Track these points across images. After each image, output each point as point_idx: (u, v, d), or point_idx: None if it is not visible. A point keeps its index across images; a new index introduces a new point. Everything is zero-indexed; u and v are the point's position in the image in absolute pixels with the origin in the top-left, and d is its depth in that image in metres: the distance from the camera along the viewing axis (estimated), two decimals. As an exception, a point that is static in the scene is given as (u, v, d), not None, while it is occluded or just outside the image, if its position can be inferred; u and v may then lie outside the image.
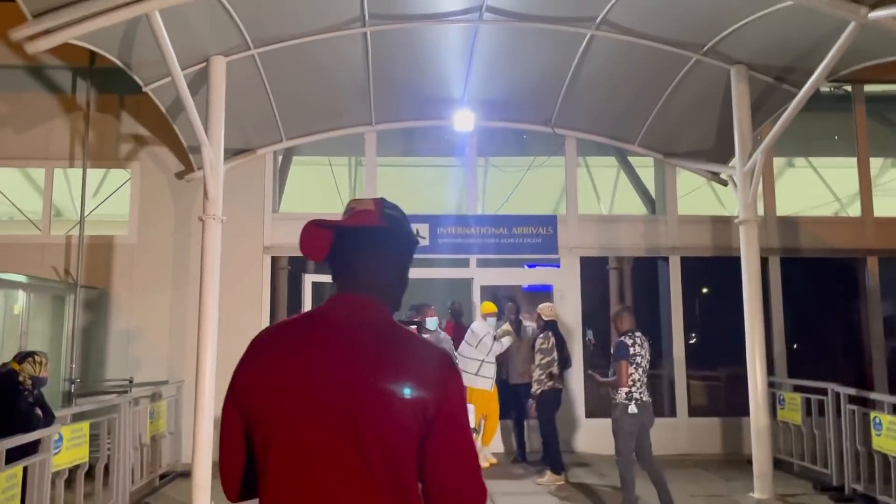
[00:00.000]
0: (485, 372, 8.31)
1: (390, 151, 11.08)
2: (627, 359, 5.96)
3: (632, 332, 6.13)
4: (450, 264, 9.69)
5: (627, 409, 5.96)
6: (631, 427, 6.00)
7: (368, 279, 1.65)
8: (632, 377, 5.97)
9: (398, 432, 1.49)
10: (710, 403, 9.99)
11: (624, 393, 5.99)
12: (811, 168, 12.09)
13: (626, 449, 6.03)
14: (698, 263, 9.82)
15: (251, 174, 9.41)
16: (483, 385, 8.28)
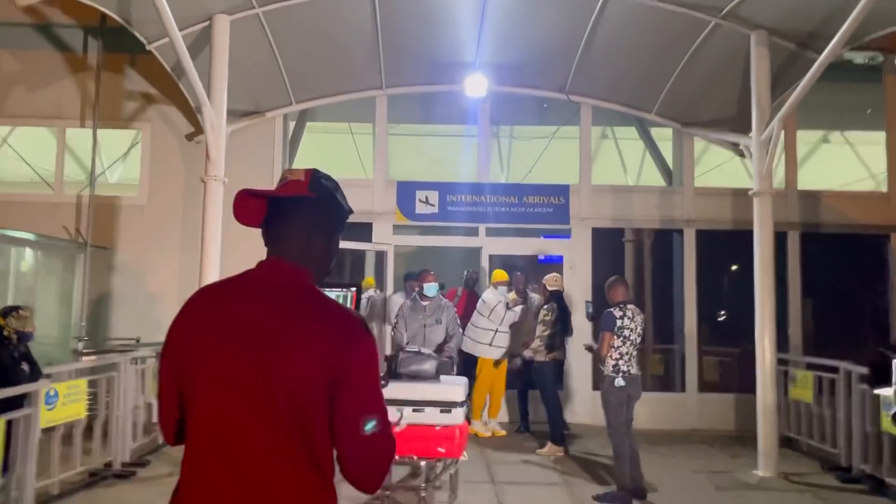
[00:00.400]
0: (499, 342, 8.22)
1: (402, 118, 10.95)
2: (612, 330, 5.86)
3: (623, 303, 5.98)
4: (459, 233, 9.57)
5: (614, 382, 5.87)
6: (618, 399, 5.90)
7: (295, 247, 1.72)
8: (619, 350, 5.87)
9: (308, 392, 1.57)
10: (722, 379, 9.82)
11: (611, 366, 5.90)
12: (842, 143, 11.70)
13: (615, 421, 5.93)
14: (715, 237, 9.57)
15: (260, 138, 9.34)
16: (495, 355, 8.22)
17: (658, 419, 9.16)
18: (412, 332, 6.81)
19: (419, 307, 6.99)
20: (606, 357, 5.90)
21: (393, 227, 9.42)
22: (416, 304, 7.03)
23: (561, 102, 9.72)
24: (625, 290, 6.05)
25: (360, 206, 9.37)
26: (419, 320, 6.90)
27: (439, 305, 7.04)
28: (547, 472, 6.98)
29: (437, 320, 6.92)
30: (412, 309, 7.01)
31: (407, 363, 5.14)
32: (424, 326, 6.83)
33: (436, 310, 7.00)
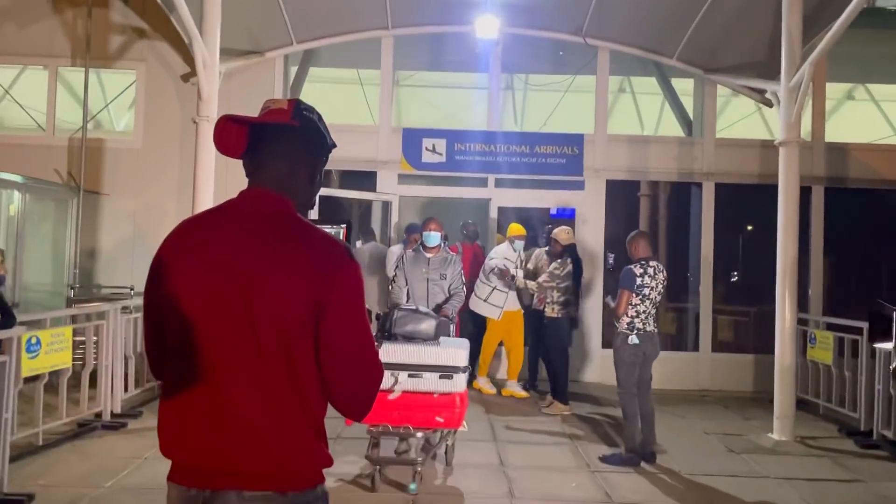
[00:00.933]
0: (495, 300, 7.80)
1: (410, 64, 10.47)
2: (631, 288, 5.52)
3: (645, 260, 5.60)
4: (466, 183, 9.18)
5: (628, 340, 5.54)
6: (632, 358, 5.58)
7: (277, 176, 1.69)
8: (636, 307, 5.53)
9: (291, 320, 1.55)
10: (737, 339, 9.47)
11: (625, 323, 5.57)
12: (867, 100, 11.14)
13: (626, 381, 5.63)
14: (735, 191, 9.13)
15: (260, 80, 8.91)
16: (488, 312, 7.84)
17: (670, 379, 8.86)
18: (412, 289, 6.08)
19: (421, 259, 6.16)
20: (622, 315, 5.57)
21: (398, 176, 9.03)
22: (419, 256, 6.20)
23: (577, 47, 9.20)
24: (647, 246, 5.67)
25: (364, 154, 8.99)
26: (421, 274, 6.10)
27: (445, 259, 6.20)
28: (552, 431, 6.71)
29: (442, 275, 6.09)
30: (414, 261, 6.18)
31: (403, 322, 4.55)
32: (427, 281, 6.05)
33: (441, 263, 6.17)
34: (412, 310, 4.67)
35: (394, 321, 4.54)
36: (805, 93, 6.59)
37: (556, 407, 7.31)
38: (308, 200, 1.76)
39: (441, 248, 6.26)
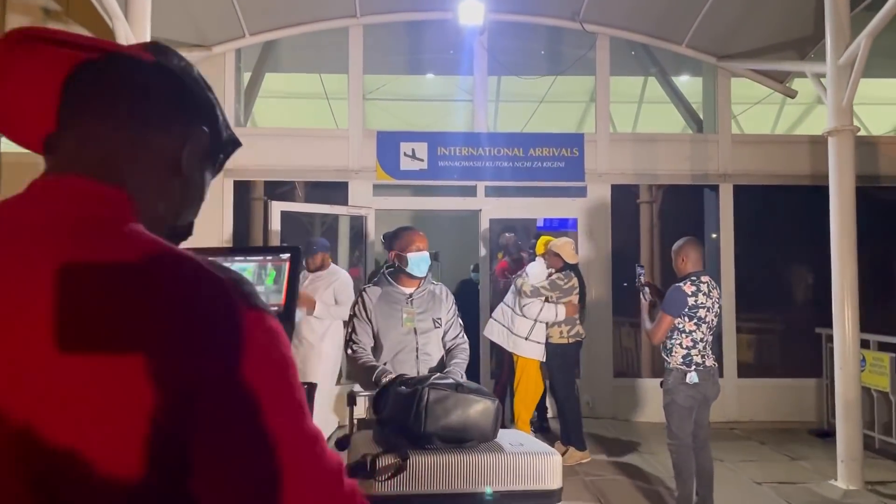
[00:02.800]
0: (538, 335, 6.15)
1: (381, 66, 9.28)
2: (677, 313, 4.35)
3: (696, 275, 4.43)
4: (452, 192, 7.98)
5: (685, 378, 4.33)
6: (689, 401, 4.38)
7: (106, 154, 0.88)
8: (691, 335, 4.35)
9: (113, 447, 0.71)
10: (764, 361, 8.39)
11: (679, 356, 4.38)
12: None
13: (681, 430, 4.43)
14: (756, 194, 8.06)
15: (208, 78, 7.61)
16: (532, 353, 6.15)
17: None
18: (386, 348, 3.45)
19: (396, 297, 3.52)
20: (674, 346, 4.40)
21: (373, 186, 7.79)
22: (391, 293, 3.54)
23: (573, 35, 8.10)
24: (698, 257, 4.50)
25: (334, 163, 7.75)
26: (400, 324, 3.48)
27: (432, 294, 3.64)
28: (574, 486, 5.48)
29: (436, 322, 3.54)
30: (384, 301, 3.52)
31: (442, 410, 2.46)
32: (414, 335, 3.48)
33: (430, 302, 3.58)
34: (451, 385, 2.54)
35: (424, 409, 2.43)
36: (861, 70, 5.52)
37: (573, 455, 6.09)
38: (174, 210, 0.96)
39: (427, 279, 3.64)
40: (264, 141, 7.82)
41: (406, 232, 3.58)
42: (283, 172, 7.76)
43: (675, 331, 4.39)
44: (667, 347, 4.46)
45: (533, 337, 6.12)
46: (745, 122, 9.74)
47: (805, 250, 8.06)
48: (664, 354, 4.51)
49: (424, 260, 3.51)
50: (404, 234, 3.56)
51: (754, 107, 9.66)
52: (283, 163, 7.72)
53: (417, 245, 3.50)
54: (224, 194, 7.62)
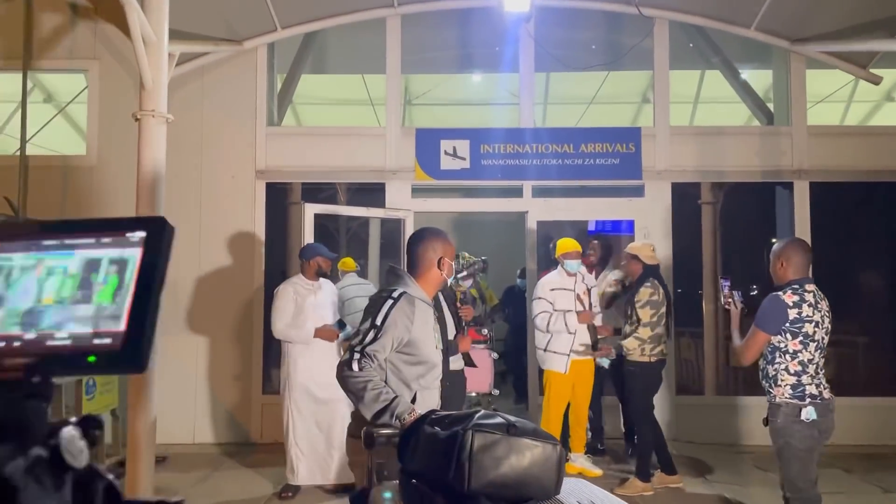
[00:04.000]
0: (558, 345, 5.68)
1: (421, 62, 8.79)
2: (775, 329, 3.58)
3: (800, 283, 3.64)
4: (496, 194, 7.41)
5: (799, 414, 3.54)
6: (807, 442, 3.55)
7: None
8: (798, 357, 3.57)
9: None
10: (846, 378, 7.57)
11: (788, 386, 3.57)
12: None
13: (804, 480, 3.59)
14: (834, 191, 7.27)
15: (238, 76, 7.25)
16: (553, 365, 5.74)
17: (764, 432, 6.96)
18: (421, 372, 2.83)
19: (424, 308, 2.89)
20: (779, 372, 3.60)
21: (412, 188, 7.27)
22: (420, 302, 2.87)
23: (628, 22, 7.46)
24: (804, 261, 3.71)
25: (369, 163, 7.27)
26: (432, 342, 2.91)
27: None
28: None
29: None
30: (419, 313, 2.84)
31: (490, 460, 1.74)
32: (442, 355, 3.00)
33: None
34: (501, 425, 1.81)
35: (469, 459, 1.75)
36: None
37: (635, 485, 5.43)
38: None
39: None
40: (297, 141, 7.42)
41: (433, 238, 3.01)
42: (316, 174, 7.32)
43: (777, 352, 3.60)
44: (769, 375, 3.64)
45: (551, 347, 5.73)
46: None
47: (893, 254, 7.23)
48: (765, 383, 3.69)
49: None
50: (431, 239, 2.99)
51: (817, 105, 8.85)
52: (316, 163, 7.28)
53: (444, 261, 2.97)
54: (256, 197, 7.21)
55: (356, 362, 2.65)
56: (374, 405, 2.56)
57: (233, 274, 7.09)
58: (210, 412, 7.02)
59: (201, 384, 7.01)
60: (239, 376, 7.06)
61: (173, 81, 7.02)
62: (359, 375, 2.64)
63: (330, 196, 8.02)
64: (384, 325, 2.69)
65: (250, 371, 7.05)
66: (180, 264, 7.06)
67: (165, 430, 6.67)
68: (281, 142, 7.35)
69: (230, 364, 7.06)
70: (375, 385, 2.62)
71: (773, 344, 3.61)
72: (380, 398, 2.58)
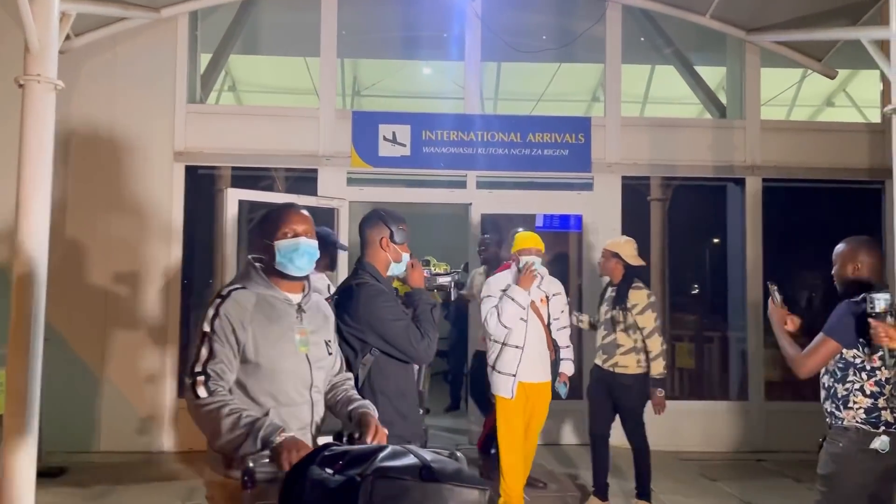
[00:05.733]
0: (505, 363, 4.53)
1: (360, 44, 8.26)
2: (850, 341, 2.95)
3: (870, 286, 3.02)
4: (439, 184, 6.94)
5: (869, 444, 2.93)
6: (866, 477, 2.96)
7: None
8: (873, 377, 2.94)
9: None
10: (796, 382, 7.33)
11: (862, 409, 2.94)
12: None
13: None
14: (789, 189, 7.04)
15: (156, 48, 6.59)
16: (498, 388, 4.54)
17: (712, 438, 6.72)
18: (277, 385, 2.29)
19: (279, 307, 2.36)
20: (851, 392, 2.98)
21: (347, 175, 6.74)
22: (272, 300, 2.36)
23: (580, 8, 7.08)
24: (878, 263, 3.16)
25: (302, 147, 6.70)
26: (287, 347, 2.36)
27: (318, 305, 2.56)
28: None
29: (328, 345, 2.53)
30: (262, 312, 2.32)
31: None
32: (308, 364, 2.37)
33: (318, 316, 2.52)
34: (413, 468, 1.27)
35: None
36: (937, 33, 4.49)
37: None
38: None
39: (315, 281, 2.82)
40: (223, 122, 6.81)
41: (277, 211, 2.44)
42: (242, 157, 6.70)
43: (851, 368, 2.99)
44: (837, 395, 3.02)
45: (498, 365, 4.56)
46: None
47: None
48: (829, 404, 3.07)
49: (306, 251, 2.35)
50: (274, 214, 2.44)
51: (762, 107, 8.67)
52: (243, 146, 6.67)
53: (293, 228, 2.35)
54: (174, 180, 6.56)
55: (202, 386, 2.12)
56: (233, 433, 2.04)
57: (146, 266, 6.43)
58: (117, 418, 6.34)
59: (108, 387, 6.33)
60: (152, 379, 6.41)
61: (82, 50, 6.37)
62: (209, 402, 2.11)
63: (268, 184, 7.42)
64: (213, 333, 2.19)
65: (164, 373, 6.40)
66: (86, 253, 6.37)
67: (66, 438, 6.03)
68: (205, 122, 6.71)
69: (142, 365, 6.41)
70: (233, 409, 2.08)
71: (846, 359, 3.00)
72: (239, 423, 2.05)
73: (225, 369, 2.16)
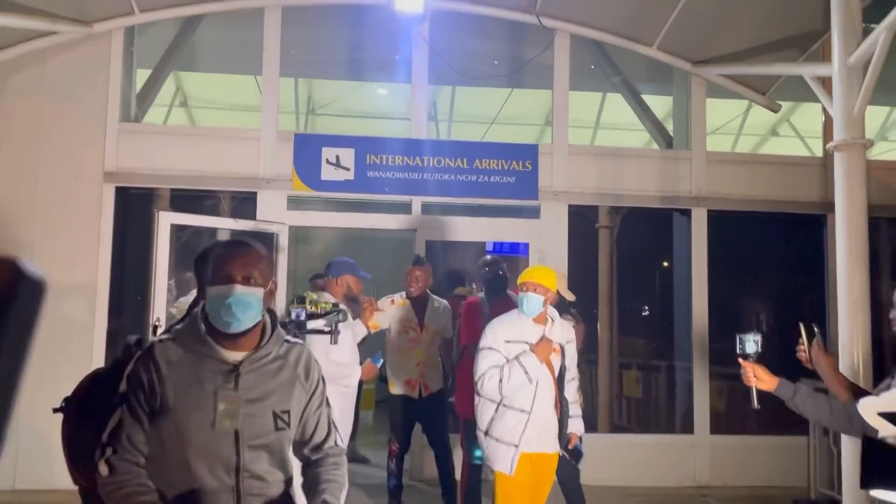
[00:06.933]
0: (503, 429, 3.65)
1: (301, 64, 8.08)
2: None
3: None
4: (384, 209, 6.76)
5: None
6: None
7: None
8: None
9: None
10: (741, 415, 7.32)
11: None
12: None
13: None
14: (733, 220, 7.06)
15: (89, 63, 6.29)
16: (495, 462, 3.69)
17: (656, 472, 6.62)
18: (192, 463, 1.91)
19: (207, 367, 1.91)
20: None
21: (287, 199, 6.52)
22: (201, 356, 1.92)
23: (530, 35, 7.02)
24: None
25: (242, 169, 6.46)
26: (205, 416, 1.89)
27: (284, 364, 2.01)
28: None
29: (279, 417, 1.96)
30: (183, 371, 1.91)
31: None
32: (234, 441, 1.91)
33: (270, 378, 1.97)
34: None
35: None
36: (876, 72, 4.52)
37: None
38: None
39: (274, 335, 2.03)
40: (156, 141, 6.53)
41: (213, 248, 2.06)
42: (176, 179, 6.42)
43: None
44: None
45: (494, 432, 3.68)
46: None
47: (792, 286, 7.09)
48: None
49: (239, 302, 1.87)
50: (209, 251, 2.04)
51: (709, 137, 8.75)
52: (179, 167, 6.40)
53: (227, 272, 1.88)
54: (103, 202, 6.24)
55: (102, 462, 1.81)
56: None
57: (71, 292, 6.07)
58: (37, 453, 5.93)
59: (25, 420, 5.92)
60: (74, 411, 6.02)
61: (8, 64, 6.06)
62: (108, 482, 1.80)
63: (213, 204, 7.12)
64: (128, 394, 1.87)
65: (87, 405, 6.02)
66: (5, 278, 5.99)
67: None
68: (139, 141, 6.42)
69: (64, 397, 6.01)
70: (129, 493, 1.79)
71: None
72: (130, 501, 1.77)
73: (136, 439, 1.84)
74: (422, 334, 5.28)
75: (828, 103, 4.91)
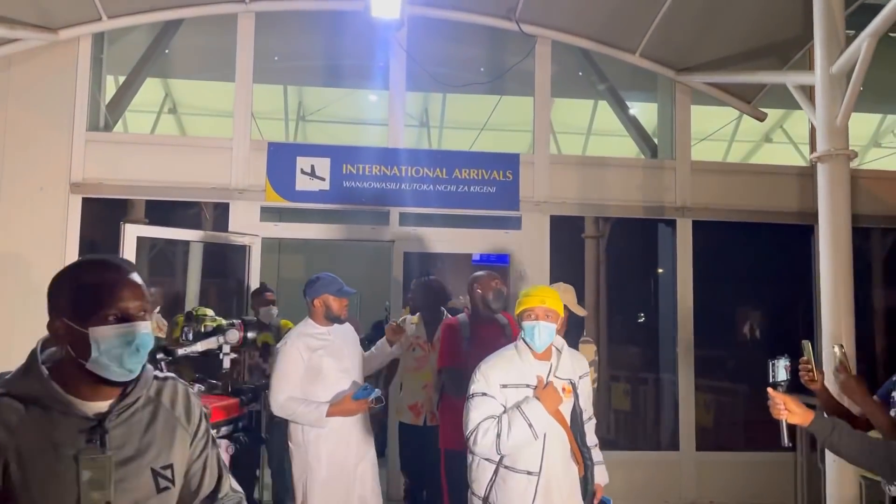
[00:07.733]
0: (505, 498, 2.98)
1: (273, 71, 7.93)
2: None
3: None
4: (361, 219, 6.58)
5: None
6: None
7: None
8: None
9: None
10: (727, 431, 7.17)
11: None
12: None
13: None
14: (717, 230, 6.92)
15: (54, 72, 6.11)
16: None
17: (641, 490, 6.44)
18: None
19: (63, 427, 1.49)
20: None
21: (260, 210, 6.34)
22: (55, 413, 1.50)
23: (511, 39, 6.87)
24: None
25: (214, 180, 6.29)
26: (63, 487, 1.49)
27: (157, 412, 1.63)
28: None
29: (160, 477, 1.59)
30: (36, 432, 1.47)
31: None
32: None
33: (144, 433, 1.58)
34: None
35: None
36: (859, 81, 4.38)
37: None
38: None
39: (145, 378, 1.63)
40: (125, 151, 6.34)
41: (93, 275, 1.54)
42: (143, 189, 6.23)
43: None
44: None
45: (497, 499, 3.00)
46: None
47: (779, 297, 6.94)
48: None
49: (142, 344, 1.51)
50: (88, 281, 1.53)
51: (700, 143, 8.65)
52: (149, 178, 6.21)
53: (122, 307, 1.50)
54: (69, 214, 6.05)
55: None
56: None
57: (35, 309, 5.86)
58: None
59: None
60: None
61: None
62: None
63: (194, 215, 6.94)
64: None
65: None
66: (-33, 293, 5.80)
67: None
68: (107, 151, 6.23)
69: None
70: None
71: None
72: None
73: None
74: (430, 353, 4.77)
75: (810, 112, 4.77)
